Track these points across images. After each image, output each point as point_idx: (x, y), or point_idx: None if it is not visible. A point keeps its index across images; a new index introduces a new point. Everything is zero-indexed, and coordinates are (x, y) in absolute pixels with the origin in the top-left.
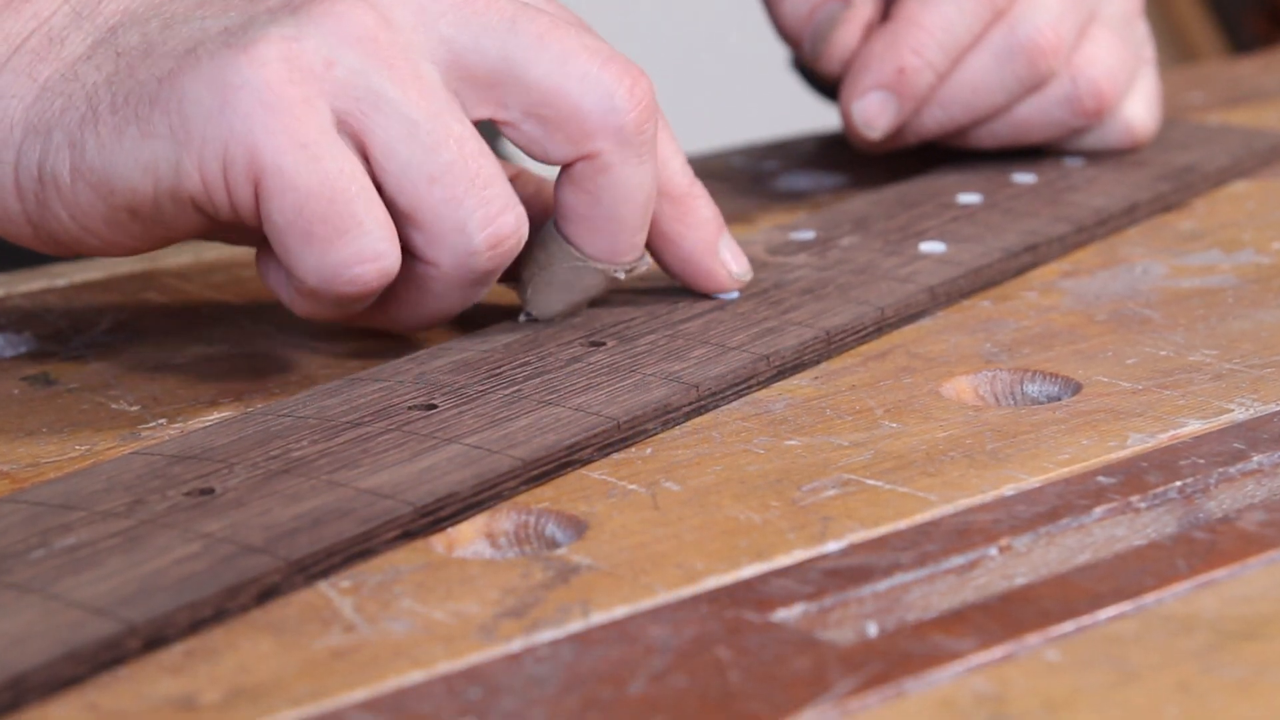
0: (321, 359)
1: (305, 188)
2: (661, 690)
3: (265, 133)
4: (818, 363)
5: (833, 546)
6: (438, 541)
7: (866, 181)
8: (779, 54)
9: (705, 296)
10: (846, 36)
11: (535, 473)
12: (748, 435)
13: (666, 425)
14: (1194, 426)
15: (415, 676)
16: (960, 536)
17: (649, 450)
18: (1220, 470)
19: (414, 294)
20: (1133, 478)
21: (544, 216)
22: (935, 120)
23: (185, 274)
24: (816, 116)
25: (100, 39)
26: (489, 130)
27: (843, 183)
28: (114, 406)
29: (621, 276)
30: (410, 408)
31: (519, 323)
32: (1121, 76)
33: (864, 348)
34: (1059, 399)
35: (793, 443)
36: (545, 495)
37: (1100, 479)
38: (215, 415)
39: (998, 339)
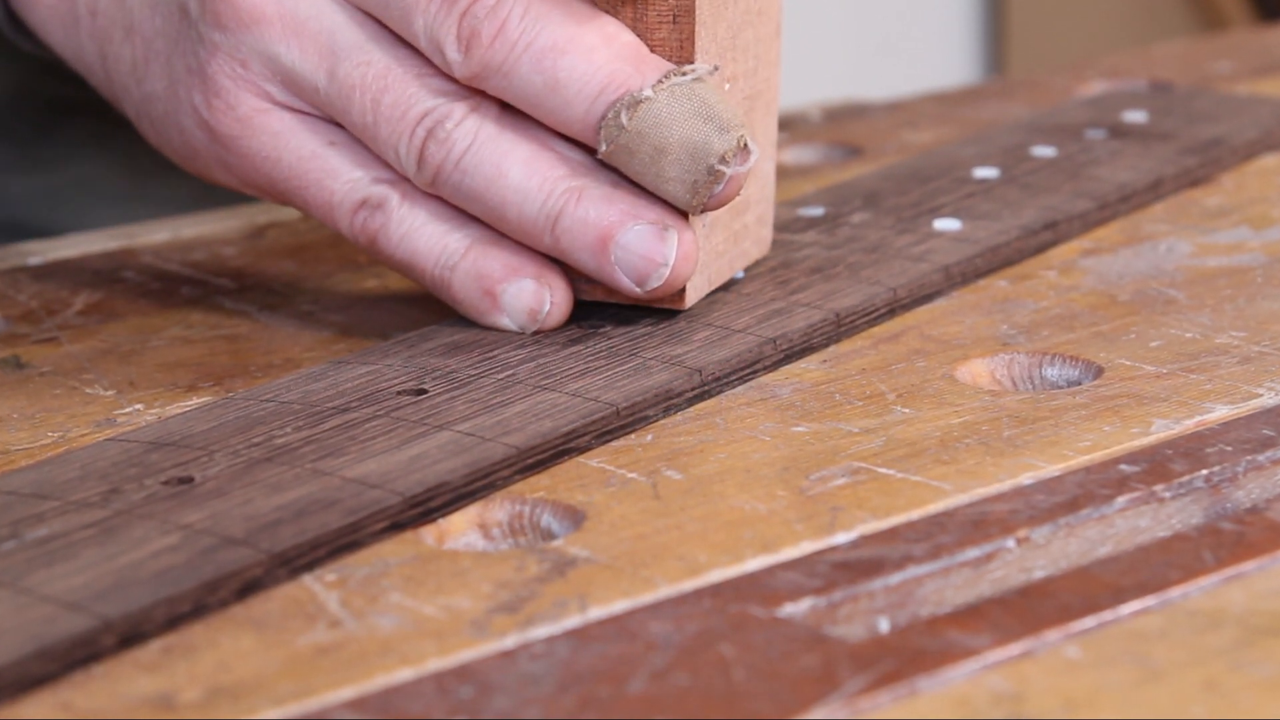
0: (306, 341)
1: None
2: (662, 689)
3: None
4: (827, 345)
5: (842, 538)
6: (428, 533)
7: (878, 155)
8: (784, 22)
9: None
10: None
11: (530, 461)
12: (753, 421)
13: (668, 411)
14: (1221, 412)
15: (404, 674)
16: (976, 527)
17: (649, 437)
18: (1249, 458)
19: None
20: (1157, 466)
21: None
22: None
23: (162, 253)
24: (824, 86)
25: None
26: None
27: (853, 156)
28: (88, 391)
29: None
30: (399, 393)
31: None
32: None
33: (875, 330)
34: (1080, 383)
35: (800, 429)
36: (541, 484)
37: (1123, 467)
38: (194, 400)
39: (1015, 320)
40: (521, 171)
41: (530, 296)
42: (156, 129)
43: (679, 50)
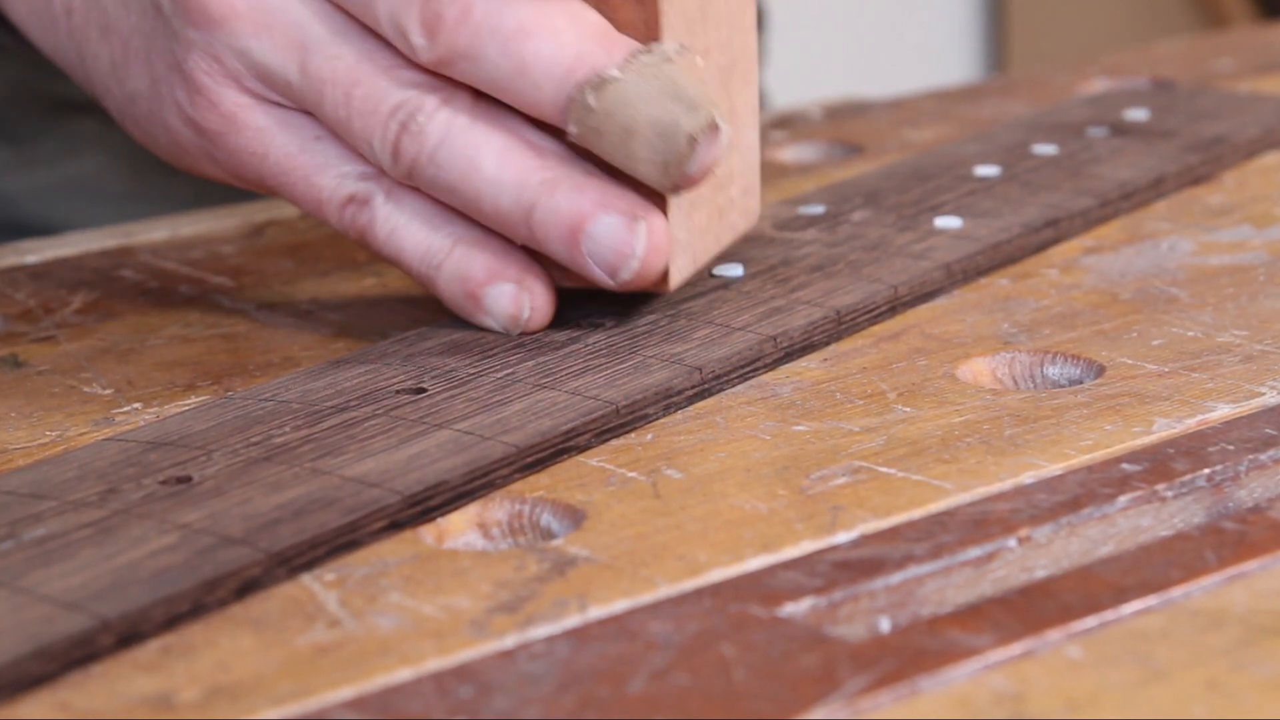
0: (304, 340)
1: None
2: (662, 689)
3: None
4: (827, 344)
5: (843, 537)
6: (427, 532)
7: (879, 153)
8: (784, 20)
9: (709, 274)
10: None
11: (530, 460)
12: (753, 420)
13: (668, 410)
14: (1223, 411)
15: (403, 674)
16: (977, 527)
17: (649, 436)
18: (1251, 457)
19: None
20: (1159, 465)
21: None
22: None
23: (161, 251)
24: (824, 84)
25: None
26: None
27: (853, 154)
28: (86, 390)
29: None
30: (398, 391)
31: None
32: None
33: (876, 328)
34: (1081, 382)
35: (801, 428)
36: (540, 483)
37: (1124, 466)
38: (192, 399)
39: (1017, 319)
40: (495, 163)
41: (509, 301)
42: (142, 127)
43: (645, 30)
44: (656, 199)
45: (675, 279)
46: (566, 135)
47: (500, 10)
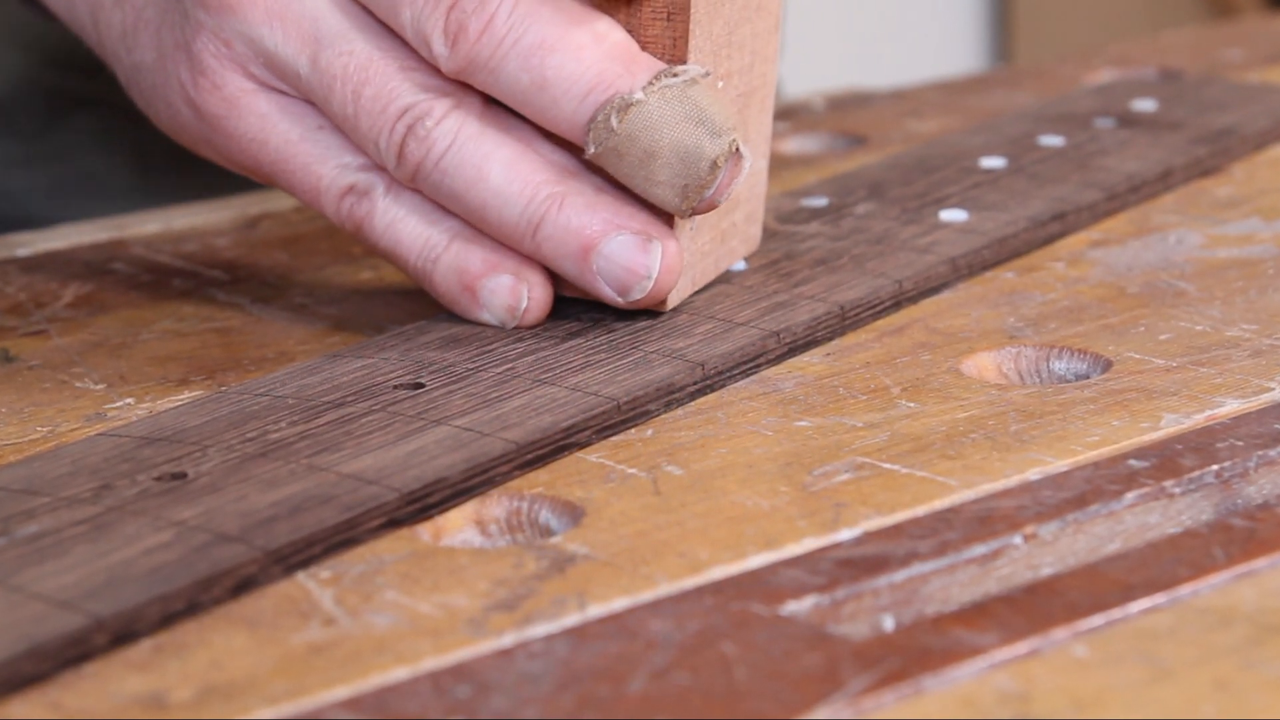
0: (299, 335)
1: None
2: (663, 688)
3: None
4: (831, 339)
5: (846, 535)
6: (424, 530)
7: (883, 144)
8: (786, 9)
9: None
10: None
11: (529, 456)
12: (755, 416)
13: (669, 406)
14: (1232, 406)
15: (400, 673)
16: (982, 524)
17: (650, 432)
18: (1260, 453)
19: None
20: (1167, 461)
21: None
22: None
23: (153, 244)
24: (828, 75)
25: None
26: None
27: (857, 145)
28: (78, 385)
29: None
30: (396, 387)
31: None
32: None
33: (880, 322)
34: (1088, 377)
35: (803, 424)
36: (539, 480)
37: (1132, 462)
38: (186, 394)
39: (1023, 313)
40: (503, 174)
41: (507, 293)
42: (145, 99)
43: (672, 49)
44: (666, 219)
45: (673, 300)
46: (580, 151)
47: (523, 24)
